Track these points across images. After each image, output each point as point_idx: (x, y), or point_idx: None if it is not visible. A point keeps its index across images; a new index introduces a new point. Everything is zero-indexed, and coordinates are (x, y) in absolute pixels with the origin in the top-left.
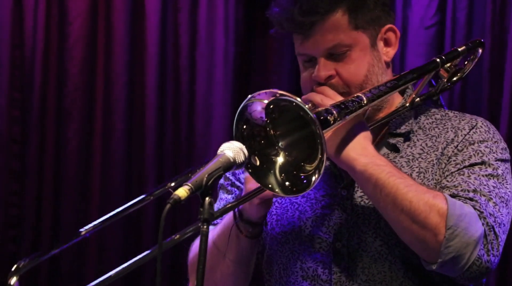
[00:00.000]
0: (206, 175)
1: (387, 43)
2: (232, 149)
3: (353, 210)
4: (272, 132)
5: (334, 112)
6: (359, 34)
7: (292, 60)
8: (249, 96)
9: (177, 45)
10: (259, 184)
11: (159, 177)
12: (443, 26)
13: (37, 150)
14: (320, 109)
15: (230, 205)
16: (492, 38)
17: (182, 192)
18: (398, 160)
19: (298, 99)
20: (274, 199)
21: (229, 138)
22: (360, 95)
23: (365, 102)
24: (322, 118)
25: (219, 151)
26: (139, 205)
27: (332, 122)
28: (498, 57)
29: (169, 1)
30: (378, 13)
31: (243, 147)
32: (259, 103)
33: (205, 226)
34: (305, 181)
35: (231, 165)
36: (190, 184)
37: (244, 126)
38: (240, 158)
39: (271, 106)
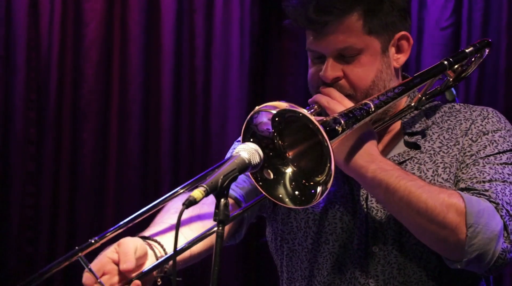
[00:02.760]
0: (221, 177)
1: (399, 50)
2: (248, 151)
3: (384, 212)
4: (280, 143)
5: (342, 121)
6: (372, 39)
7: (307, 62)
8: (255, 108)
9: (193, 46)
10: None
11: (174, 178)
12: (458, 27)
13: (53, 151)
14: (327, 119)
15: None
16: (508, 38)
17: (197, 193)
18: (420, 156)
19: (304, 110)
20: None
21: None
22: (368, 102)
23: (372, 109)
24: (329, 128)
25: (234, 153)
26: (155, 209)
27: (340, 131)
28: None
29: (184, 3)
30: (393, 19)
31: (258, 148)
32: (264, 115)
33: (220, 228)
34: (313, 191)
35: (246, 166)
36: (205, 186)
37: (251, 139)
38: (256, 159)
39: (277, 118)
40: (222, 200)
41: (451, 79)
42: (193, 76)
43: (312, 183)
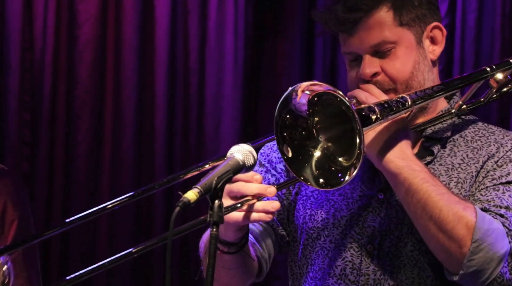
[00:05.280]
0: (216, 178)
1: (433, 41)
2: (242, 152)
3: (387, 214)
4: (313, 125)
5: (377, 110)
6: (404, 31)
7: (302, 63)
8: (291, 88)
9: (187, 48)
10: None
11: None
12: (452, 28)
13: (47, 153)
14: (363, 106)
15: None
16: (501, 40)
17: (191, 195)
18: (437, 168)
19: (341, 93)
20: (310, 194)
21: (239, 140)
22: (405, 95)
23: (409, 103)
24: (364, 114)
25: (228, 154)
26: (148, 193)
27: (374, 120)
28: None
29: (178, 4)
30: (423, 11)
31: (253, 150)
32: (303, 96)
33: (214, 229)
34: (340, 176)
35: (240, 167)
36: (199, 187)
37: (288, 116)
38: (250, 161)
39: (315, 99)
40: (216, 201)
41: (494, 90)
42: (187, 77)
43: (338, 167)
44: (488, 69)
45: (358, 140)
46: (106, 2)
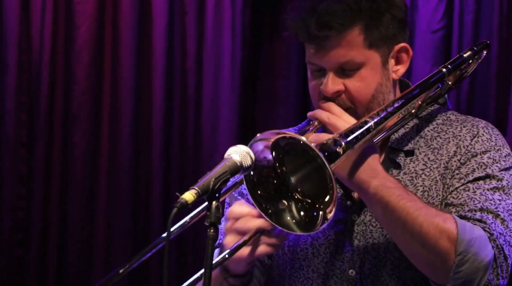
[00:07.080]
0: (213, 179)
1: (398, 61)
2: (239, 153)
3: (363, 236)
4: (281, 170)
5: (343, 143)
6: (372, 52)
7: (299, 64)
8: (252, 140)
9: (184, 49)
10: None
11: (165, 181)
12: (450, 30)
13: (44, 153)
14: (328, 141)
15: (220, 259)
16: (499, 41)
17: (188, 196)
18: (402, 178)
19: (304, 138)
20: None
21: (236, 141)
22: (368, 120)
23: (372, 127)
24: (330, 151)
25: (226, 155)
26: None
27: (341, 153)
28: (505, 60)
29: (176, 5)
30: (393, 31)
31: (250, 151)
32: (260, 143)
33: (211, 230)
34: (321, 216)
35: (238, 169)
36: (197, 188)
37: (252, 172)
38: (247, 162)
39: (276, 146)
40: (214, 202)
41: (450, 83)
42: (184, 78)
43: (317, 207)
44: (444, 70)
45: (330, 182)
46: (103, 3)
